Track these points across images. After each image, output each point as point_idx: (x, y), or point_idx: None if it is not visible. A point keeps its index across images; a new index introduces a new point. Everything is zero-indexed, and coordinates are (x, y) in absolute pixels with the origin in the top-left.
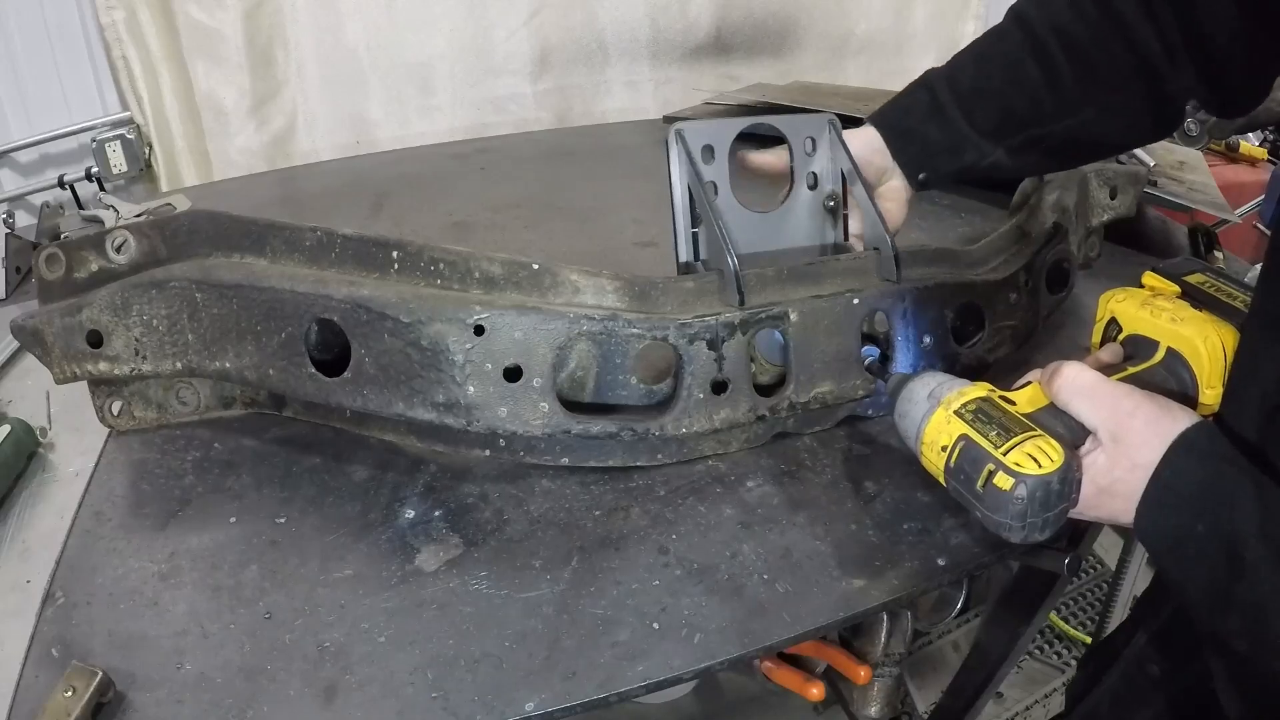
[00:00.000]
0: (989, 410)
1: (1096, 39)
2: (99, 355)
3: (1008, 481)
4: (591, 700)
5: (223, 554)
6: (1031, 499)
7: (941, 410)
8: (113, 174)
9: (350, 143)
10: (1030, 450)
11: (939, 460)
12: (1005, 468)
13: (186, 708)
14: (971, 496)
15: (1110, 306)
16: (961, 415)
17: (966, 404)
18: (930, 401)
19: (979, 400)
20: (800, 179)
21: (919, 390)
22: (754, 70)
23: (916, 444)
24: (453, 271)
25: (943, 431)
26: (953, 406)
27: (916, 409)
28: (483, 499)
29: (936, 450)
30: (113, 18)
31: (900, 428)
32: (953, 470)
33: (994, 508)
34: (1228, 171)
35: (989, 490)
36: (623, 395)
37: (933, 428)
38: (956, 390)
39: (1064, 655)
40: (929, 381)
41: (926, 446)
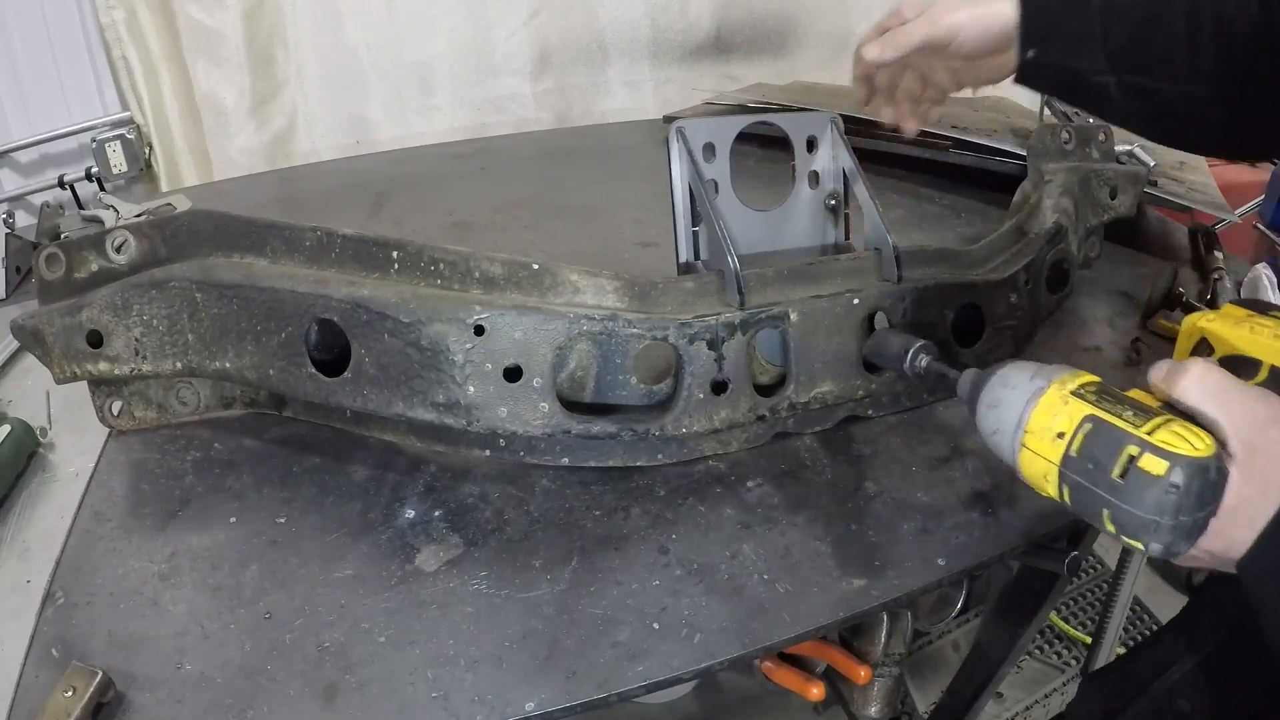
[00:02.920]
0: (1113, 393)
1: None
2: (99, 355)
3: (1158, 465)
4: (591, 700)
5: (223, 554)
6: (1188, 489)
7: (1055, 390)
8: (113, 174)
9: (350, 143)
10: (1180, 430)
11: (1053, 450)
12: (1153, 448)
13: (186, 708)
14: (1103, 489)
15: (1201, 326)
16: (1082, 395)
17: (1085, 385)
18: (1037, 382)
19: (1097, 384)
20: (801, 178)
21: (1016, 375)
22: (754, 70)
23: (1017, 433)
24: (453, 271)
25: (1059, 414)
26: (1069, 386)
27: (1016, 394)
28: (483, 499)
29: (1049, 438)
30: (113, 18)
31: (986, 420)
32: (1075, 459)
33: (1137, 500)
34: (1228, 171)
35: (1132, 478)
36: (623, 395)
37: (1044, 411)
38: (1069, 371)
39: (1064, 655)
40: (1024, 367)
41: (1033, 437)
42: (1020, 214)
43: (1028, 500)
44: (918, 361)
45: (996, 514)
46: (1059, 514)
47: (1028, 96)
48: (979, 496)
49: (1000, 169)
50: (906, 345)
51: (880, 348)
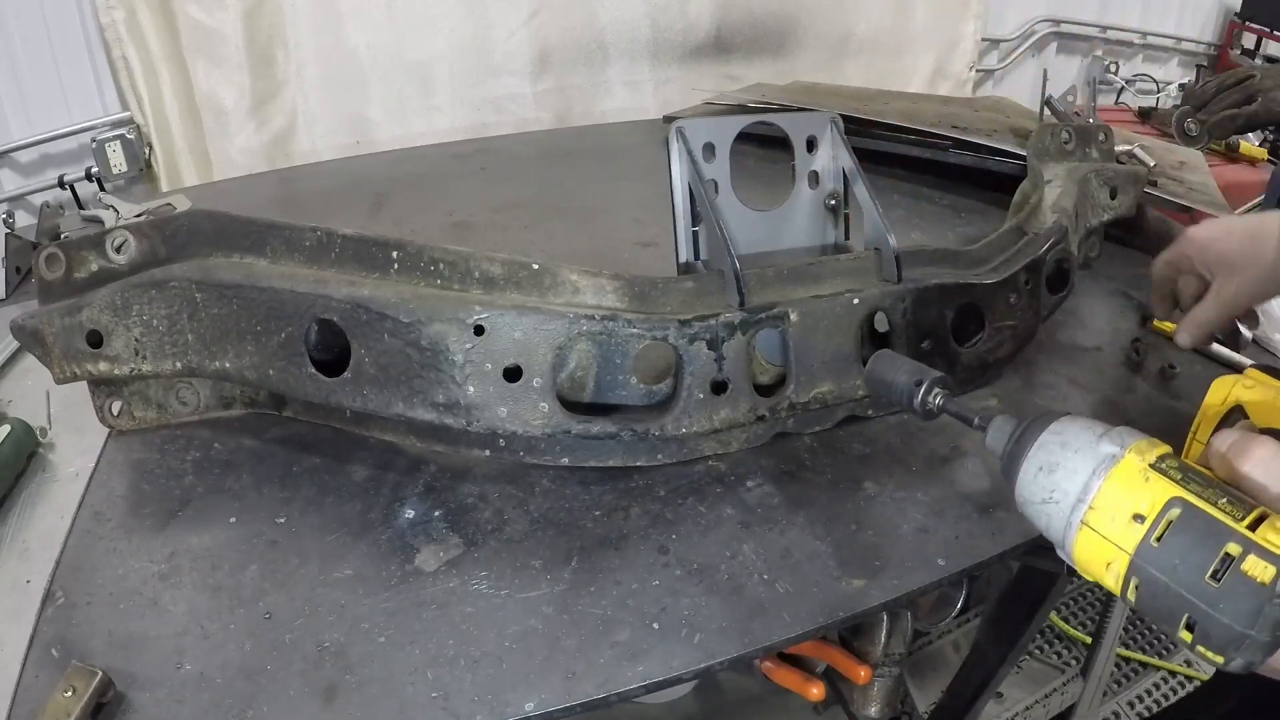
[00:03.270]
0: (1196, 471)
1: None
2: (99, 355)
3: (1265, 570)
4: (591, 700)
5: (223, 554)
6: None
7: (1134, 459)
8: (113, 174)
9: (350, 143)
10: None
11: (1126, 535)
12: (1259, 549)
13: (186, 708)
14: (1189, 591)
15: (1236, 394)
16: (1164, 471)
17: (1164, 458)
18: (1107, 447)
19: (1173, 458)
20: (801, 178)
21: (1079, 434)
22: (754, 70)
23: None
24: (453, 271)
25: (1139, 491)
26: (1148, 457)
27: (1080, 459)
28: (483, 499)
29: (1122, 520)
30: (113, 18)
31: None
32: (1156, 551)
33: (1233, 609)
34: (1228, 171)
35: (1231, 583)
36: (622, 395)
37: (1118, 485)
38: (1144, 438)
39: (1064, 655)
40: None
41: (1100, 516)
42: (1020, 214)
43: None
44: (931, 398)
45: (996, 514)
46: None
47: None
48: (979, 496)
49: (1000, 169)
50: (917, 378)
51: (883, 375)
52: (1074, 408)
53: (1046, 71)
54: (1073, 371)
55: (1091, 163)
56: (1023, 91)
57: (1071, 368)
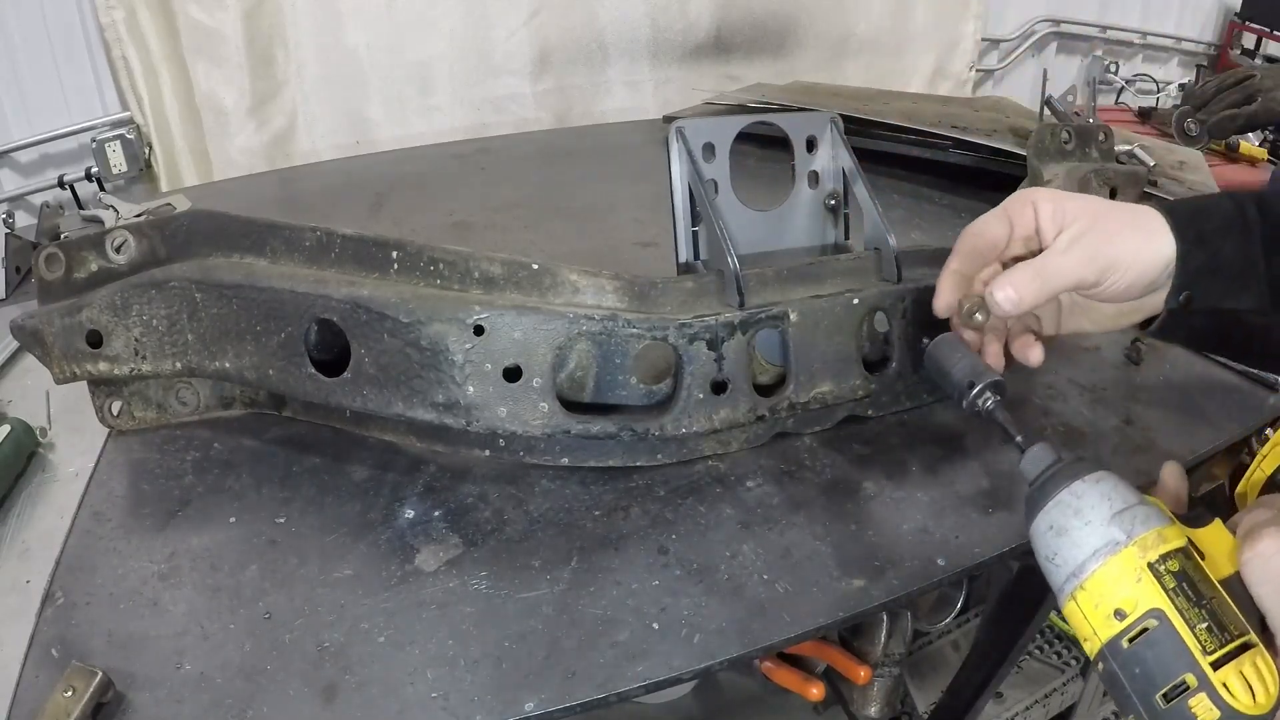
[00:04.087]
0: (1195, 580)
1: None
2: (99, 355)
3: (1210, 712)
4: (591, 700)
5: (223, 554)
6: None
7: (1132, 554)
8: (113, 174)
9: (350, 143)
10: (1248, 672)
11: (1103, 627)
12: (1212, 691)
13: (186, 708)
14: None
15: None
16: (1159, 575)
17: (1167, 557)
18: (1113, 532)
19: (1181, 556)
20: (801, 178)
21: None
22: (754, 70)
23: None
24: (452, 271)
25: (1124, 589)
26: (1149, 555)
27: (1086, 534)
28: (482, 499)
29: (1104, 613)
30: (113, 18)
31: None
32: (1124, 654)
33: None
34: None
35: (1175, 711)
36: (622, 395)
37: (1109, 577)
38: (1155, 530)
39: (1064, 655)
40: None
41: (1086, 597)
42: None
43: None
44: (982, 400)
45: (996, 514)
46: None
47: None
48: (979, 496)
49: (1000, 169)
50: (974, 376)
51: (943, 361)
52: (1073, 408)
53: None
54: (1073, 371)
55: (1091, 163)
56: (1023, 91)
57: (1071, 368)
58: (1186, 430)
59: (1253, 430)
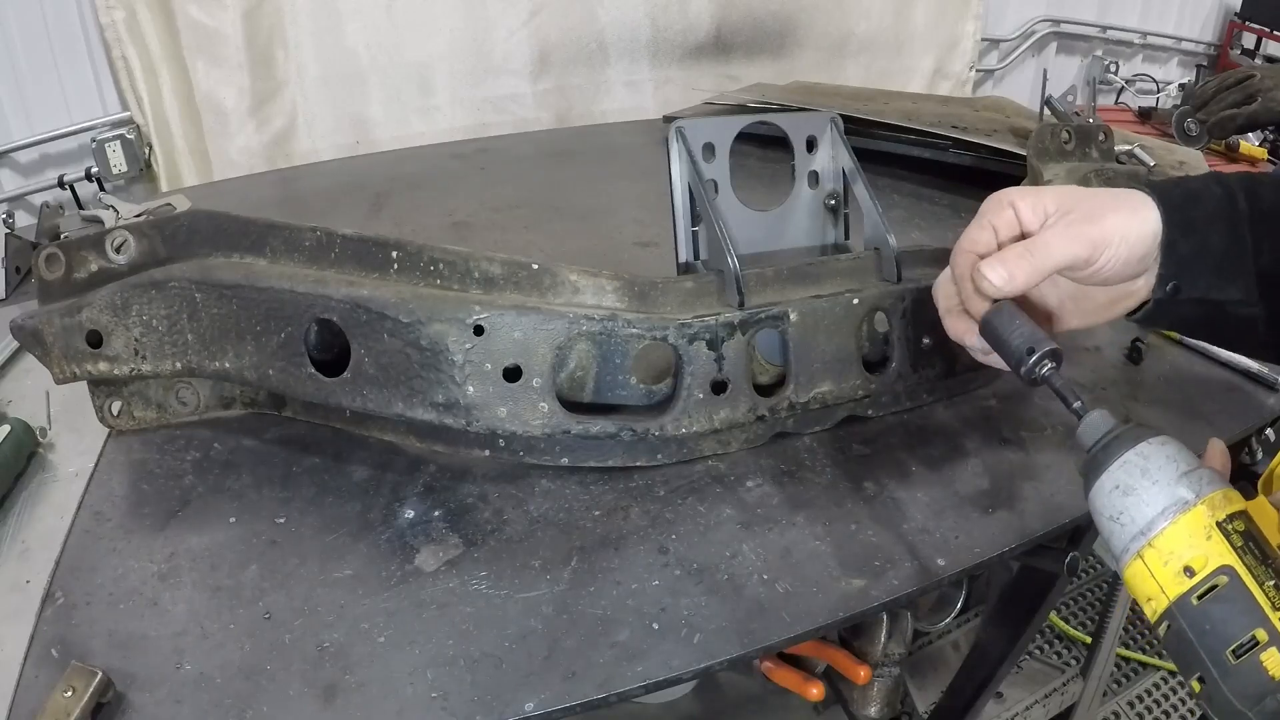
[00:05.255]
0: (1260, 541)
1: None
2: (99, 355)
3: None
4: (591, 700)
5: (222, 554)
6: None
7: (1202, 512)
8: (113, 174)
9: (350, 143)
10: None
11: (1172, 584)
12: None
13: (186, 708)
14: (1207, 656)
15: None
16: (1227, 533)
17: (1234, 518)
18: (1184, 490)
19: (1244, 517)
20: (801, 178)
21: (1162, 465)
22: (754, 70)
23: (1137, 541)
24: (452, 271)
25: (1197, 546)
26: (1219, 514)
27: (1155, 492)
28: (482, 499)
29: (1174, 569)
30: (113, 18)
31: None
32: (1193, 611)
33: (1241, 689)
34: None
35: (1246, 666)
36: (622, 395)
37: (1179, 534)
38: (1220, 489)
39: (1064, 655)
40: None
41: (1155, 554)
42: None
43: (1028, 500)
44: (1039, 368)
45: (996, 514)
46: (1059, 514)
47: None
48: (979, 496)
49: (1000, 169)
50: (1033, 343)
51: (1000, 330)
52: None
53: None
54: (1073, 371)
55: (1091, 163)
56: (1023, 91)
57: (1071, 368)
58: (1186, 430)
59: (1253, 430)
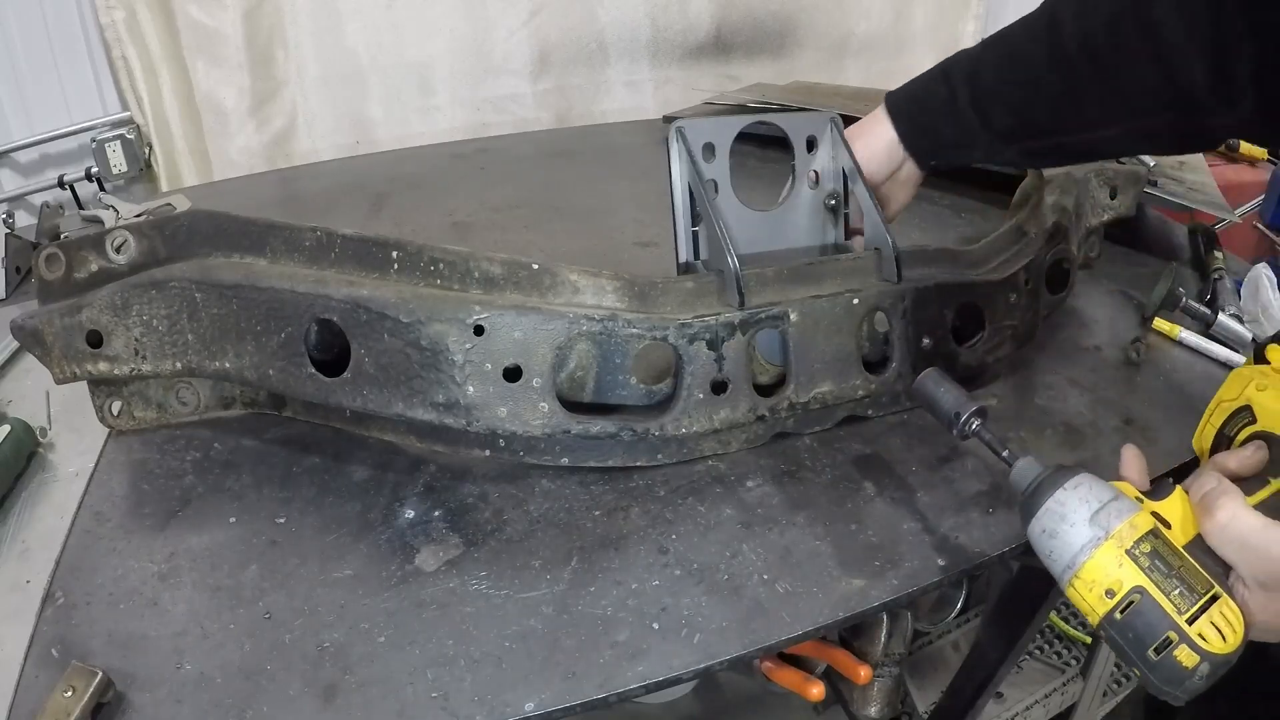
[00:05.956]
0: (1165, 555)
1: (1131, 66)
2: (99, 355)
3: (1191, 658)
4: (591, 700)
5: (222, 554)
6: (1211, 675)
7: (1111, 546)
8: (113, 174)
9: (350, 143)
10: (1217, 621)
11: (1099, 605)
12: (1190, 641)
13: (186, 708)
14: (1137, 658)
15: (1249, 394)
16: (1135, 558)
17: (1140, 542)
18: (1094, 530)
19: (1151, 538)
20: (801, 178)
21: (1075, 508)
22: (754, 70)
23: (1066, 574)
24: (452, 271)
25: (1110, 574)
26: (1125, 544)
27: (1073, 534)
28: (482, 499)
29: (1098, 593)
30: (113, 18)
31: (1039, 543)
32: (1118, 624)
33: (1166, 679)
34: (1228, 171)
35: (1165, 661)
36: (622, 395)
37: (1097, 566)
38: (1126, 520)
39: (1064, 655)
40: (1086, 495)
41: (1082, 583)
42: (1020, 214)
43: None
44: (969, 426)
45: (996, 514)
46: None
47: None
48: (979, 496)
49: (1000, 169)
50: (959, 408)
51: (929, 396)
52: (1074, 408)
53: None
54: (1073, 371)
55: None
56: None
57: (1071, 368)
58: (1186, 429)
59: None
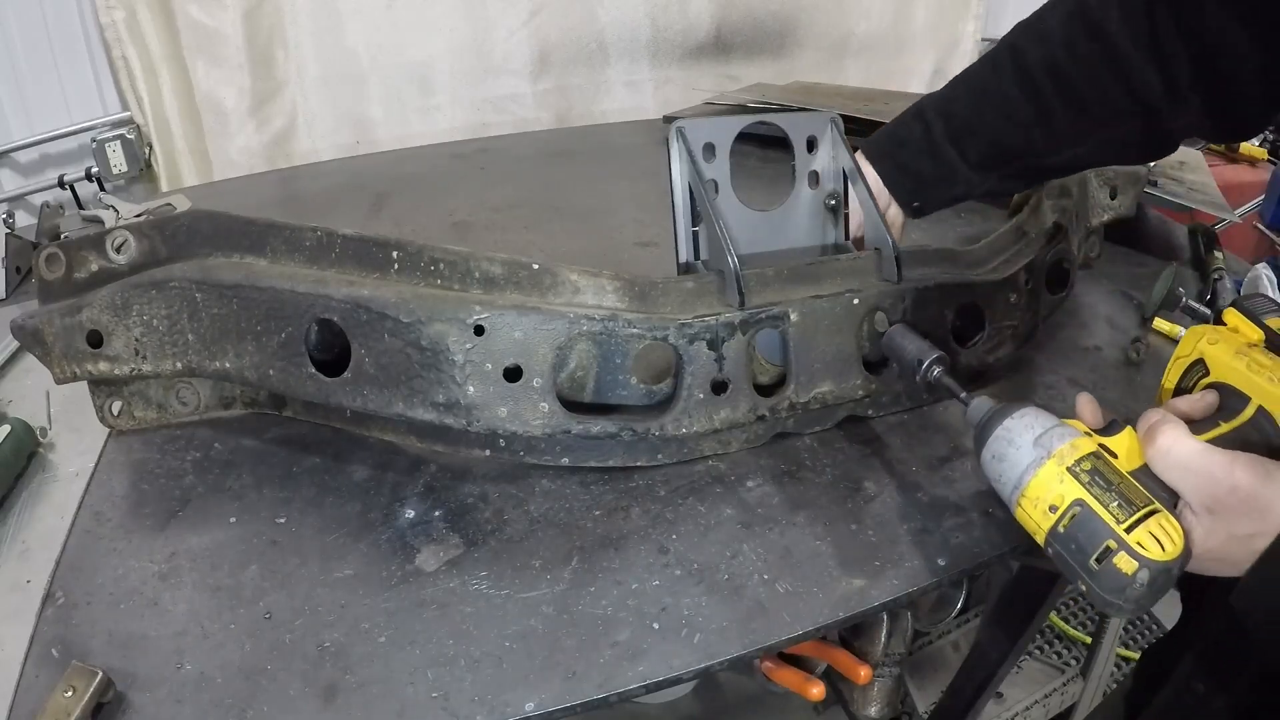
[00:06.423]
0: (1105, 472)
1: (1091, 80)
2: (99, 355)
3: (1130, 564)
4: (591, 700)
5: (223, 554)
6: (1151, 584)
7: (1053, 464)
8: (113, 174)
9: (350, 143)
10: (1155, 530)
11: (1043, 520)
12: (1128, 548)
13: (186, 708)
14: (1079, 568)
15: (1201, 348)
16: (1076, 474)
17: (1081, 460)
18: (1038, 451)
19: (1092, 457)
20: (801, 178)
21: (1021, 433)
22: (754, 70)
23: (1014, 494)
24: (453, 271)
25: (1053, 490)
26: (1066, 462)
27: (1018, 455)
28: (483, 499)
29: (1041, 509)
30: (113, 18)
31: (989, 468)
32: (1061, 536)
33: (1108, 588)
34: (1228, 171)
35: (1106, 569)
36: (623, 395)
37: (1040, 483)
38: (1068, 442)
39: (1064, 655)
40: (1031, 422)
41: (1028, 501)
42: (1020, 214)
43: None
44: (930, 372)
45: (996, 514)
46: None
47: None
48: (979, 496)
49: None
50: (920, 354)
51: (895, 348)
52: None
53: None
54: (1073, 371)
55: None
56: None
57: (1071, 368)
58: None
59: None
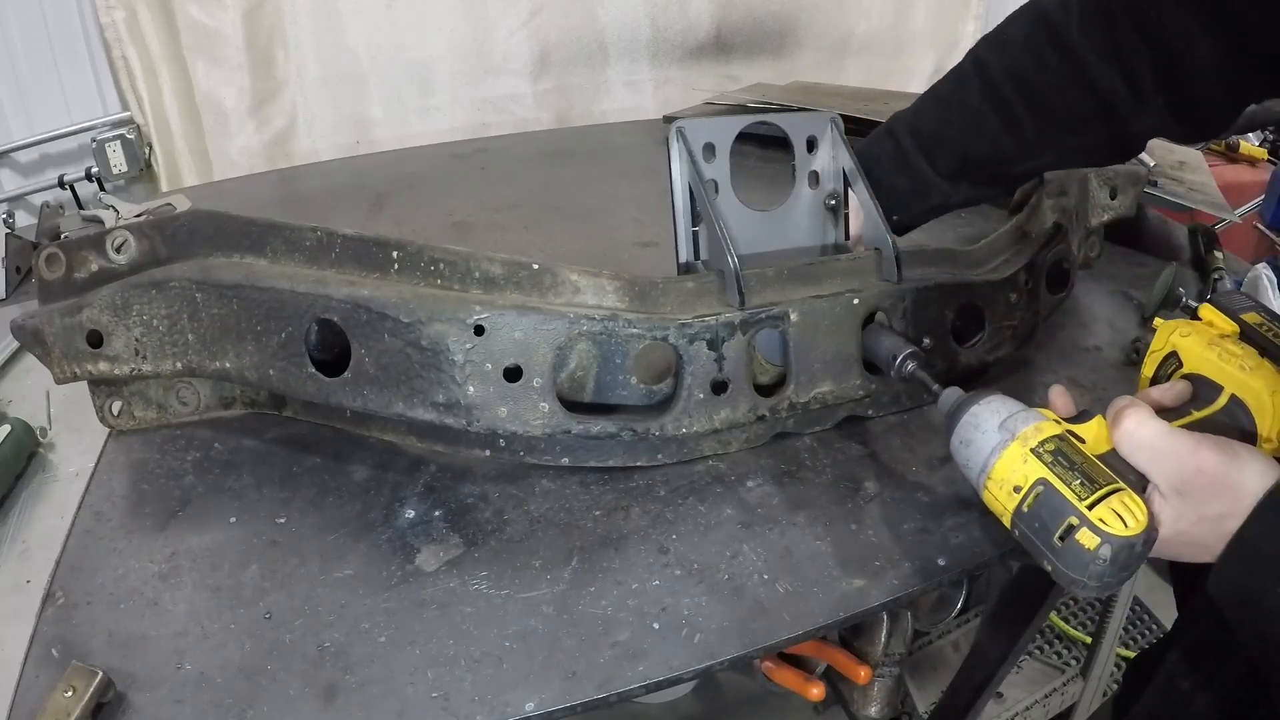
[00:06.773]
0: (1068, 453)
1: (1056, 87)
2: (99, 355)
3: (1092, 540)
4: (591, 700)
5: (223, 554)
6: (1114, 560)
7: (1017, 446)
8: (113, 174)
9: (350, 143)
10: (1116, 507)
11: (1008, 501)
12: (1090, 524)
13: (186, 708)
14: (1044, 546)
15: (1173, 340)
16: (1040, 455)
17: (1044, 442)
18: (1003, 434)
19: (1056, 439)
20: (801, 178)
21: (987, 418)
22: (754, 70)
23: (981, 477)
24: (453, 271)
25: (1017, 471)
26: (1030, 444)
27: (984, 439)
28: (483, 499)
29: (1007, 490)
30: (113, 18)
31: (959, 454)
32: (1025, 515)
33: (1071, 564)
34: (1228, 171)
35: (1069, 546)
36: (623, 395)
37: (1005, 465)
38: (1033, 425)
39: (1064, 655)
40: (998, 408)
41: (994, 483)
42: (1020, 214)
43: None
44: (904, 367)
45: None
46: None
47: None
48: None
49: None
50: (895, 350)
51: (872, 345)
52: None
53: None
54: (1073, 371)
55: None
56: None
57: (1071, 368)
58: None
59: None
